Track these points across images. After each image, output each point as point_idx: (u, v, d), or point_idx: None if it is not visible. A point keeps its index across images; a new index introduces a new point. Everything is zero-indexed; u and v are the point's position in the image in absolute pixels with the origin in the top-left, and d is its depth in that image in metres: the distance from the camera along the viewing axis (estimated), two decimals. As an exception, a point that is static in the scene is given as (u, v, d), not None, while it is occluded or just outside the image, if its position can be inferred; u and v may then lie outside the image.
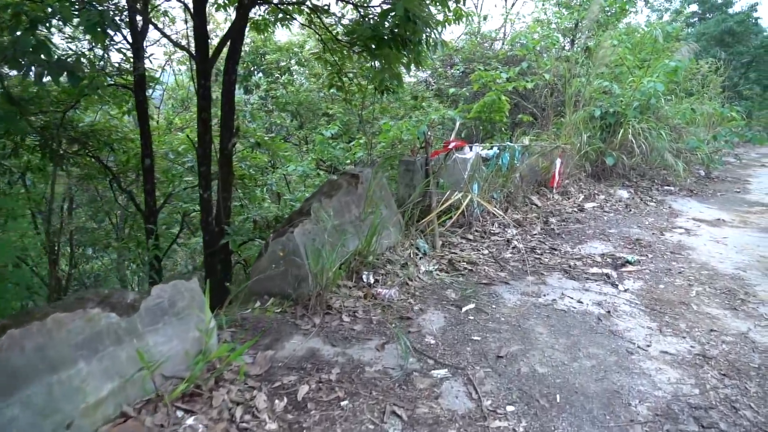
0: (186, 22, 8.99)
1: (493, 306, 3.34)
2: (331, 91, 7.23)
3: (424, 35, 4.12)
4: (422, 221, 4.43)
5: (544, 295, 3.58)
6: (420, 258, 3.99)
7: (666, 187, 7.94)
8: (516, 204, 5.75)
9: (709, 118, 10.47)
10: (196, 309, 2.23)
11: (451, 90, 8.45)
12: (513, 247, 4.54)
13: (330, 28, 5.71)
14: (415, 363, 2.56)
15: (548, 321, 3.16)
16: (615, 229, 5.38)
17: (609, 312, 3.33)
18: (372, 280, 3.41)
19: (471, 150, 5.03)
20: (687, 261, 4.45)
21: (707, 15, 29.37)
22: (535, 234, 4.98)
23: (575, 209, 6.09)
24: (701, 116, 10.04)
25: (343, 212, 3.58)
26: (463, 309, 3.23)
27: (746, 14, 27.29)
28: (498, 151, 5.27)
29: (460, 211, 4.61)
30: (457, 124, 5.02)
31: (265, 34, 8.53)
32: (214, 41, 5.81)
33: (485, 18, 14.32)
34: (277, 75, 14.33)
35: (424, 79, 11.83)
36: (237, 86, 15.52)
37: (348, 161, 8.41)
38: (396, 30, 4.15)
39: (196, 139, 5.19)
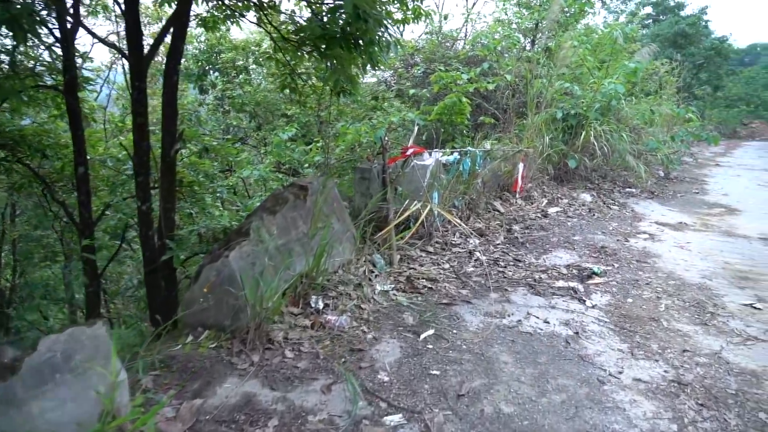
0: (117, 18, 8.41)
1: (454, 331, 3.07)
2: (286, 92, 6.86)
3: (376, 35, 3.82)
4: (379, 234, 4.13)
5: (509, 315, 3.33)
6: (376, 276, 3.69)
7: (628, 189, 7.90)
8: (478, 211, 5.52)
9: (667, 118, 10.58)
10: (101, 361, 1.87)
11: (412, 91, 8.19)
12: (475, 260, 4.29)
13: (281, 26, 5.35)
14: (366, 407, 2.26)
15: (513, 347, 2.91)
16: (579, 236, 5.22)
17: (577, 333, 3.11)
18: (321, 305, 3.08)
19: (430, 156, 4.76)
20: (653, 270, 4.31)
21: (661, 17, 30.19)
22: (498, 244, 4.76)
23: (539, 215, 5.92)
24: (659, 117, 10.12)
25: (290, 229, 3.24)
26: (422, 336, 2.95)
27: (697, 17, 28.18)
28: (458, 156, 5.02)
29: (419, 222, 4.34)
30: (416, 128, 4.74)
31: (217, 32, 8.09)
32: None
33: (446, 17, 14.16)
34: (234, 74, 13.80)
35: (384, 79, 11.56)
36: (192, 86, 14.85)
37: (307, 165, 8.05)
38: (348, 29, 3.84)
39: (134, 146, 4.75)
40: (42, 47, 5.49)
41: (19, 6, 3.19)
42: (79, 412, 1.77)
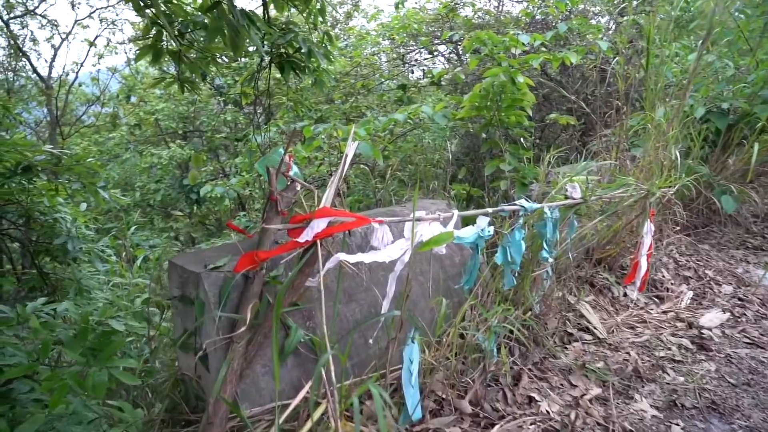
0: None
1: None
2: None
3: None
4: None
5: None
6: None
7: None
8: (543, 340, 2.28)
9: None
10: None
11: (436, 70, 4.92)
12: None
13: None
14: None
15: None
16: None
17: None
18: None
19: (398, 238, 1.56)
20: None
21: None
22: None
23: (687, 340, 2.57)
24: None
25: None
26: None
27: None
28: (490, 232, 1.77)
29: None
30: (351, 148, 1.51)
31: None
32: None
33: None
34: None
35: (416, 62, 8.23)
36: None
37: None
38: None
39: None
40: None
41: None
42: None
